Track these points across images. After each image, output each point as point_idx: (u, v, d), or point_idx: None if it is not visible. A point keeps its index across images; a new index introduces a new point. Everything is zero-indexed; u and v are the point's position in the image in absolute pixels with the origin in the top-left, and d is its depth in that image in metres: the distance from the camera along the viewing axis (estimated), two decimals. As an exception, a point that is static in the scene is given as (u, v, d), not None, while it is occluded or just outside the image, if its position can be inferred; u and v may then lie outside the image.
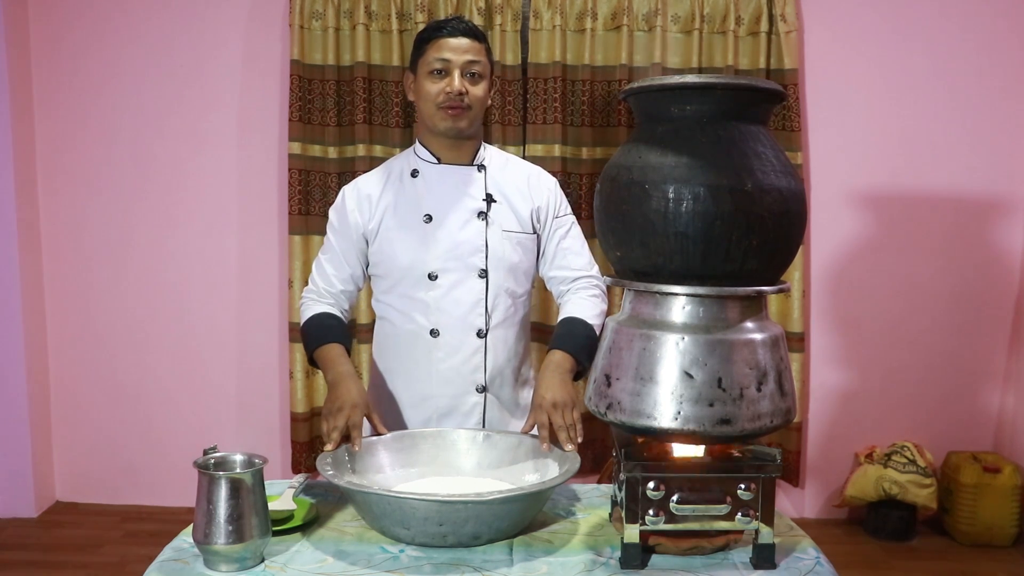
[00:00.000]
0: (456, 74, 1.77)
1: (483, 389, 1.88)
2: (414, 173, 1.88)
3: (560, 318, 1.89)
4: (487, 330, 1.86)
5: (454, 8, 3.28)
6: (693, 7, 3.29)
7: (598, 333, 1.81)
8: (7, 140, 3.30)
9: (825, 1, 3.40)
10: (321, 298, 1.90)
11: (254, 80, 3.44)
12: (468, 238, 1.84)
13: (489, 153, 1.93)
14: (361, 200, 1.88)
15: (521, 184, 1.90)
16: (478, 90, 1.80)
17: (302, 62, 3.30)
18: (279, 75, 3.42)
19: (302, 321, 1.89)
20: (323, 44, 3.31)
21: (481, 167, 1.88)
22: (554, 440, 1.64)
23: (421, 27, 3.23)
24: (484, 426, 1.87)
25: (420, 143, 1.91)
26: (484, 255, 1.84)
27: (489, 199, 1.86)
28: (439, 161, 1.87)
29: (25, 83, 3.41)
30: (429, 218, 1.84)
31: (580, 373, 1.80)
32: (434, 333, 1.85)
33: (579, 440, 1.64)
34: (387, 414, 1.92)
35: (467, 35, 1.79)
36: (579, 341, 1.80)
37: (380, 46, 3.32)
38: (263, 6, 3.41)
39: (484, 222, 1.85)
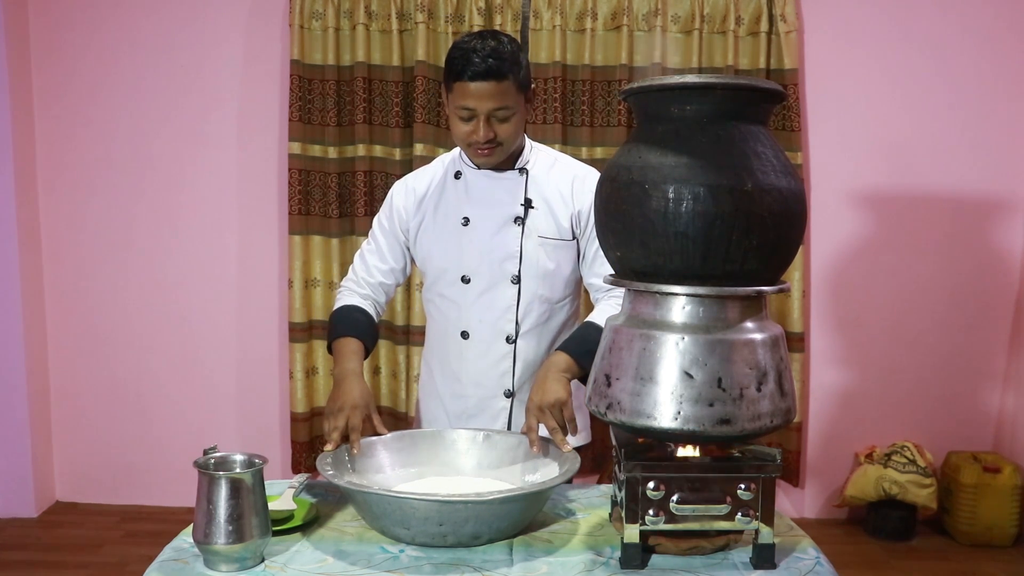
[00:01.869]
0: (481, 121, 1.70)
1: (510, 394, 1.89)
2: (457, 175, 1.88)
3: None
4: (516, 336, 1.86)
5: (454, 8, 3.28)
6: (693, 7, 3.29)
7: None
8: (7, 140, 3.30)
9: (825, 1, 3.40)
10: (359, 287, 1.93)
11: (254, 80, 3.44)
12: (502, 243, 1.83)
13: (535, 155, 1.88)
14: (408, 195, 1.91)
15: (564, 188, 1.85)
16: (507, 128, 1.73)
17: (302, 62, 3.30)
18: (279, 75, 3.42)
19: (334, 308, 1.92)
20: (323, 44, 3.31)
21: (523, 171, 1.85)
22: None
23: (421, 27, 3.25)
24: (509, 430, 1.87)
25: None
26: (518, 261, 1.83)
27: (527, 204, 1.83)
28: (478, 167, 1.86)
29: (25, 83, 3.41)
30: (466, 221, 1.84)
31: (585, 377, 1.78)
32: (464, 335, 1.87)
33: (576, 432, 1.64)
34: (431, 402, 1.97)
35: (490, 77, 1.66)
36: (585, 345, 1.75)
37: (380, 46, 3.32)
38: (263, 6, 3.41)
39: (520, 228, 1.83)
